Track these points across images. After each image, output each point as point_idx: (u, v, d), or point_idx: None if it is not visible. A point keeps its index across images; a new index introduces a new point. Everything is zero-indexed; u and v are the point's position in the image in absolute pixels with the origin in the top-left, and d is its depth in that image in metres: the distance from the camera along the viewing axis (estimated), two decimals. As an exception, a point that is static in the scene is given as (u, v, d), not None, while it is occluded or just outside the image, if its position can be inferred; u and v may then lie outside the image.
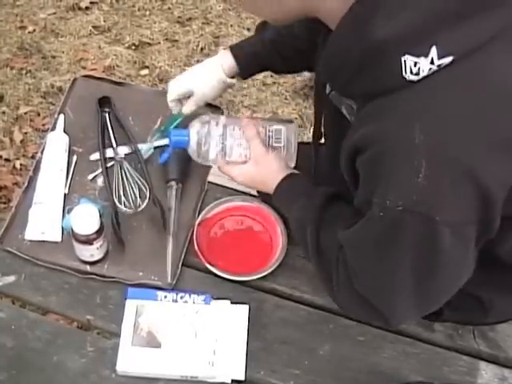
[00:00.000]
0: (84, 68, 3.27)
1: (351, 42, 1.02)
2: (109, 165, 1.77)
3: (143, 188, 1.72)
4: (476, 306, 1.47)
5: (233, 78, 1.68)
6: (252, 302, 1.60)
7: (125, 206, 1.69)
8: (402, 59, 0.99)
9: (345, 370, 1.54)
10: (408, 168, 1.00)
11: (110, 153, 1.79)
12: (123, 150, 1.80)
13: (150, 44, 3.42)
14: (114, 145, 1.79)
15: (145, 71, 3.28)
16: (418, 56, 0.98)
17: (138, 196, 1.71)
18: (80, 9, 3.56)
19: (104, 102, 1.87)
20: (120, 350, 1.50)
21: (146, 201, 1.70)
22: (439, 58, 0.97)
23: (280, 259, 1.65)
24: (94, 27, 3.47)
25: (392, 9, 0.98)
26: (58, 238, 1.65)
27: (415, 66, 0.99)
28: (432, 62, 0.98)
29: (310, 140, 1.55)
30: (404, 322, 1.35)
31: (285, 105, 3.15)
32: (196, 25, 3.50)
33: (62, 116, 1.83)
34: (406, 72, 0.99)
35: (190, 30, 3.48)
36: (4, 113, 3.07)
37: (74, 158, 1.78)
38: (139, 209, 1.69)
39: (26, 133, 3.00)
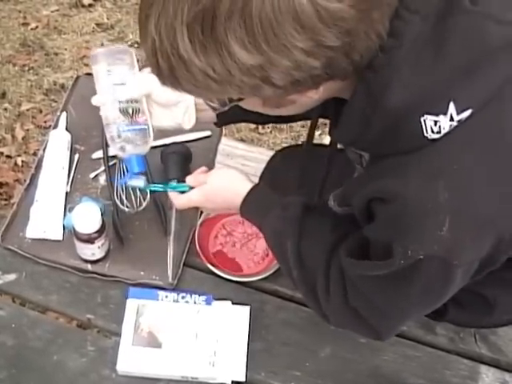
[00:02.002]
0: (86, 65, 3.25)
1: (368, 111, 1.00)
2: (111, 163, 1.76)
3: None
4: (481, 303, 1.48)
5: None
6: (253, 303, 1.59)
7: (126, 206, 1.68)
8: (422, 120, 0.98)
9: (346, 372, 1.54)
10: (432, 223, 1.01)
11: (112, 151, 1.77)
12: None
13: (152, 42, 3.41)
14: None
15: (147, 70, 3.27)
16: (437, 115, 0.97)
17: (138, 195, 1.71)
18: (83, 6, 3.55)
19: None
20: (120, 349, 1.50)
21: (147, 200, 1.70)
22: (458, 113, 0.97)
23: (282, 260, 1.64)
24: (96, 24, 3.47)
25: (405, 77, 0.97)
26: (60, 237, 1.64)
27: (435, 124, 0.98)
28: (452, 119, 0.97)
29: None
30: (393, 335, 1.36)
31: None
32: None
33: (64, 114, 1.82)
34: (427, 131, 0.98)
35: (194, 28, 3.47)
36: (6, 109, 3.06)
37: (76, 156, 1.77)
38: (140, 208, 1.69)
39: (27, 130, 2.99)
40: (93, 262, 1.62)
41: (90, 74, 1.95)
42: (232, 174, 1.47)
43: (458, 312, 1.54)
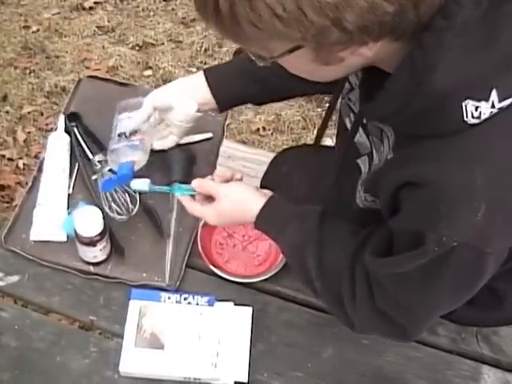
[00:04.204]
0: (88, 68, 3.27)
1: (410, 89, 1.00)
2: (93, 177, 1.75)
3: (132, 193, 1.71)
4: (491, 298, 1.48)
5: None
6: (256, 304, 1.60)
7: (118, 214, 1.68)
8: (463, 104, 0.98)
9: (348, 373, 1.54)
10: (467, 208, 1.02)
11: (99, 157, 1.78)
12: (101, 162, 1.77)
13: (153, 45, 3.42)
14: (91, 156, 1.77)
15: (148, 72, 3.28)
16: (478, 100, 0.98)
17: (128, 201, 1.70)
18: (84, 9, 3.56)
19: (72, 117, 1.84)
20: (123, 350, 1.50)
21: (137, 206, 1.69)
22: (500, 101, 0.97)
23: (284, 261, 1.64)
24: (97, 27, 3.47)
25: (453, 60, 0.96)
26: (63, 238, 1.65)
27: (476, 110, 0.98)
28: (493, 106, 0.98)
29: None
30: (421, 334, 1.36)
31: (288, 107, 3.15)
32: (200, 26, 3.50)
33: (62, 116, 1.82)
34: (467, 116, 0.99)
35: (194, 31, 3.48)
36: (7, 112, 3.07)
37: (79, 158, 1.77)
38: (132, 213, 1.68)
39: (29, 132, 3.00)
40: (95, 264, 1.62)
41: (91, 77, 1.98)
42: (243, 189, 1.42)
43: (467, 308, 1.54)
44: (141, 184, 1.51)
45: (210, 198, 1.43)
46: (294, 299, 1.64)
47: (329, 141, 2.83)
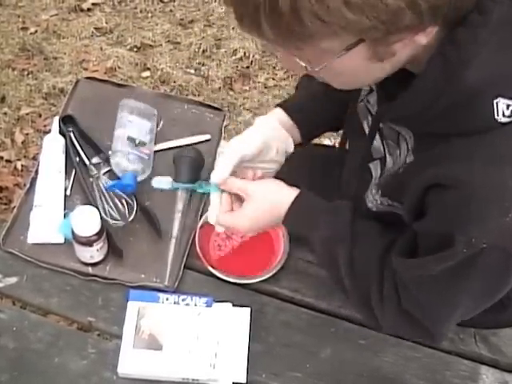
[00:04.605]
0: (86, 69, 3.27)
1: (441, 84, 0.99)
2: (90, 180, 1.75)
3: (129, 200, 1.71)
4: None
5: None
6: (254, 304, 1.60)
7: (114, 219, 1.67)
8: (495, 102, 0.97)
9: (346, 374, 1.54)
10: (497, 209, 1.01)
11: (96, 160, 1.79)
12: (98, 166, 1.78)
13: (151, 46, 3.42)
14: (86, 160, 1.77)
15: (146, 73, 3.28)
16: (510, 98, 0.97)
17: (125, 206, 1.70)
18: (82, 10, 3.56)
19: (67, 120, 1.83)
20: (121, 352, 1.50)
21: (135, 210, 1.69)
22: None
23: (282, 262, 1.65)
24: (95, 29, 3.47)
25: (487, 56, 0.96)
26: (61, 240, 1.65)
27: (507, 108, 0.98)
28: None
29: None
30: (447, 336, 1.35)
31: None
32: (198, 27, 3.50)
33: (56, 118, 1.82)
34: (497, 114, 0.98)
35: (192, 32, 3.48)
36: (5, 114, 3.06)
37: (76, 159, 1.77)
38: (130, 219, 1.68)
39: (27, 134, 3.00)
40: (93, 265, 1.62)
41: (89, 78, 1.98)
42: (275, 185, 1.37)
43: None
44: (163, 182, 1.51)
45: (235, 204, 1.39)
46: (292, 300, 1.64)
47: (327, 141, 2.84)
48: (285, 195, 1.35)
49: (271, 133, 1.41)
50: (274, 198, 1.35)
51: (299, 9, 0.86)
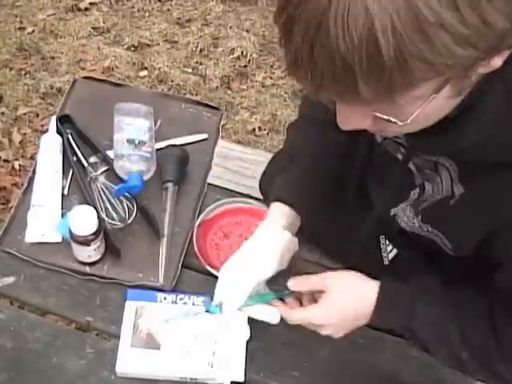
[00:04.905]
0: (83, 69, 3.26)
1: (504, 113, 0.94)
2: (88, 179, 1.75)
3: (129, 204, 1.71)
4: None
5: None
6: (252, 303, 1.59)
7: (113, 219, 1.68)
8: None
9: (345, 373, 1.54)
10: None
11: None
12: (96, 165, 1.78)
13: (149, 45, 3.41)
14: (83, 159, 1.77)
15: (144, 72, 3.28)
16: None
17: (125, 205, 1.70)
18: (79, 10, 3.55)
19: (64, 120, 1.83)
20: (119, 351, 1.50)
21: (134, 212, 1.70)
22: None
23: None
24: (93, 28, 3.47)
25: None
26: (59, 239, 1.65)
27: None
28: None
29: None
30: None
31: (284, 106, 3.15)
32: (195, 26, 3.50)
33: (54, 117, 1.82)
34: None
35: (189, 31, 3.48)
36: (3, 113, 3.06)
37: (74, 159, 1.77)
38: (129, 221, 1.68)
39: (24, 134, 2.99)
40: (91, 264, 1.62)
41: (87, 78, 1.98)
42: (351, 279, 1.32)
43: None
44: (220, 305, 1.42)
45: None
46: (291, 299, 1.64)
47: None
48: (367, 289, 1.30)
49: (283, 247, 1.38)
50: (359, 293, 1.31)
51: (406, 56, 0.77)
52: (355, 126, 0.98)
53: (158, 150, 1.79)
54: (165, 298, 1.57)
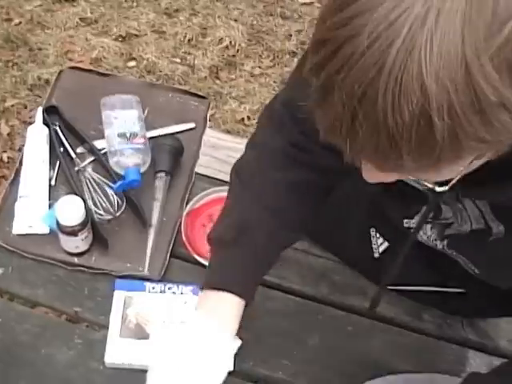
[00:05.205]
0: (71, 60, 3.25)
1: None
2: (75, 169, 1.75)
3: (117, 198, 1.70)
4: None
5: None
6: (240, 292, 1.59)
7: (102, 210, 1.67)
8: None
9: (334, 360, 1.54)
10: None
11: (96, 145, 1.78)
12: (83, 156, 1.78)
13: (137, 36, 3.40)
14: (72, 152, 1.76)
15: (132, 63, 3.27)
16: None
17: (114, 198, 1.69)
18: (66, 0, 3.52)
19: (51, 111, 1.82)
20: (108, 341, 1.50)
21: (124, 203, 1.69)
22: None
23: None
24: (80, 19, 3.44)
25: None
26: (46, 230, 1.64)
27: None
28: None
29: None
30: None
31: (273, 95, 3.11)
32: (183, 16, 3.48)
33: (40, 109, 1.81)
34: None
35: (178, 21, 3.46)
36: (-9, 106, 3.05)
37: (61, 150, 1.76)
38: (117, 213, 1.68)
39: (12, 126, 2.98)
40: (79, 255, 1.61)
41: (73, 68, 1.97)
42: None
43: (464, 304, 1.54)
44: None
45: None
46: (279, 287, 1.64)
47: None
48: None
49: (231, 356, 1.28)
50: None
51: (460, 137, 0.71)
52: (383, 181, 0.91)
53: (150, 138, 1.78)
54: (153, 288, 1.56)
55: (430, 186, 0.98)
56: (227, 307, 1.29)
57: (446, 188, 0.93)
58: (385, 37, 0.69)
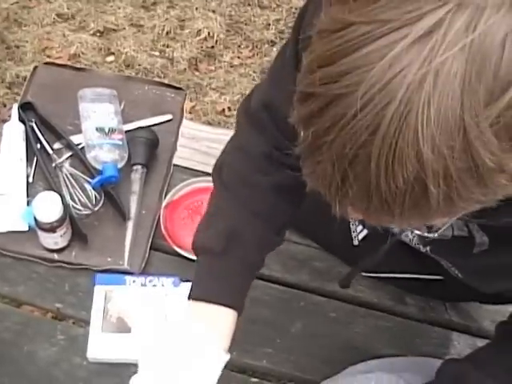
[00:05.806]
0: (49, 57, 3.22)
1: None
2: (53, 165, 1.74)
3: (95, 193, 1.69)
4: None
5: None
6: (222, 282, 1.59)
7: (80, 205, 1.66)
8: None
9: (317, 347, 1.54)
10: None
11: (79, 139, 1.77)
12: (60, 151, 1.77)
13: (115, 30, 3.38)
14: (48, 148, 1.75)
15: (111, 58, 3.25)
16: None
17: (93, 194, 1.68)
18: (42, -3, 3.52)
19: (26, 107, 1.81)
20: (90, 336, 1.49)
21: (102, 200, 1.68)
22: None
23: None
24: (57, 15, 3.42)
25: None
26: (25, 227, 1.63)
27: None
28: None
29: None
30: None
31: (253, 85, 3.12)
32: (161, 9, 3.47)
33: (15, 105, 1.80)
34: None
35: (155, 14, 3.45)
36: (-31, 105, 3.03)
37: (38, 146, 1.75)
38: (96, 208, 1.67)
39: (-9, 124, 2.96)
40: (58, 251, 1.61)
41: (48, 64, 1.96)
42: None
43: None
44: None
45: None
46: (261, 276, 1.62)
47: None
48: None
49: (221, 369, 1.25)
50: None
51: (455, 200, 0.69)
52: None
53: (127, 132, 1.78)
54: (134, 281, 1.56)
55: (419, 232, 0.99)
56: (227, 322, 1.28)
57: (435, 235, 0.93)
58: (379, 98, 0.65)
